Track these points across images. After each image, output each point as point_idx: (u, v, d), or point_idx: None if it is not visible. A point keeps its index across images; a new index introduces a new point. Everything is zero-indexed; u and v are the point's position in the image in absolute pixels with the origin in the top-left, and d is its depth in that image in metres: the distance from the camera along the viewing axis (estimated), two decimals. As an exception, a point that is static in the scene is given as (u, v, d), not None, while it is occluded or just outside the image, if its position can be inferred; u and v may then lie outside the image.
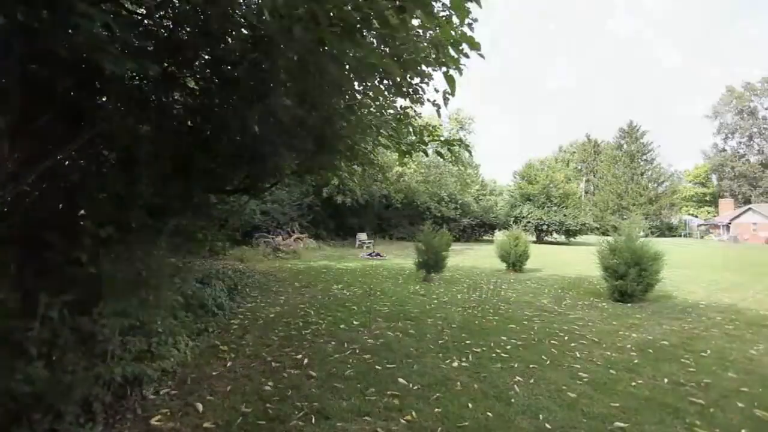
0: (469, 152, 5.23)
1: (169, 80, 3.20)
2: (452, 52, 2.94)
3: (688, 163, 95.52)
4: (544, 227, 29.81)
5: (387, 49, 2.93)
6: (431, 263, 9.62)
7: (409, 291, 8.42)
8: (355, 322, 5.78)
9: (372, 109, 4.45)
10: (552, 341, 5.09)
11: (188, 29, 3.01)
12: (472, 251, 21.01)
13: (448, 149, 5.09)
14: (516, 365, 4.22)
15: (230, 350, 4.44)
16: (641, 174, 59.26)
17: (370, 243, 20.21)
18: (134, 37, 2.54)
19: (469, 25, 4.55)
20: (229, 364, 4.05)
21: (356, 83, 3.65)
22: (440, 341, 4.97)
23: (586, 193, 64.54)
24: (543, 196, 30.69)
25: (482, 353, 4.56)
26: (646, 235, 49.85)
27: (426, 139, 4.92)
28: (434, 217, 25.21)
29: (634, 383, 3.83)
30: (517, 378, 3.88)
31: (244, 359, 4.22)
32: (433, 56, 3.16)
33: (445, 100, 4.42)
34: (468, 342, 4.95)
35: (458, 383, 3.73)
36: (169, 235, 3.91)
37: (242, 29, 2.98)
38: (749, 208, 47.27)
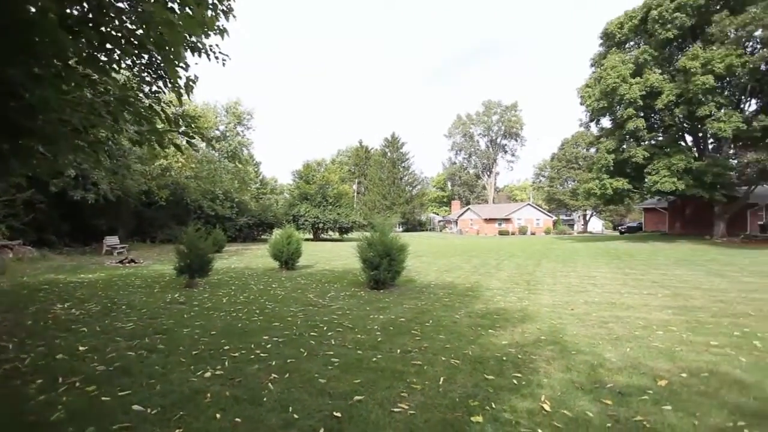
0: (246, 148, 4.94)
1: None
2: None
3: (433, 171, 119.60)
4: (321, 225, 31.71)
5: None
6: (195, 267, 8.74)
7: (166, 300, 7.40)
8: (81, 348, 4.63)
9: (108, 88, 3.61)
10: (312, 333, 5.36)
11: None
12: (249, 251, 20.37)
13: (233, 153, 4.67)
14: (274, 363, 4.23)
15: None
16: (401, 178, 70.54)
17: (122, 248, 16.86)
18: None
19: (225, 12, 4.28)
20: None
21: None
22: (194, 352, 4.52)
23: (358, 193, 72.31)
24: (319, 196, 32.58)
25: (240, 357, 4.39)
26: (406, 230, 59.33)
27: (186, 130, 4.35)
28: (207, 216, 23.21)
29: (375, 359, 4.40)
30: (273, 375, 3.89)
31: None
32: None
33: (188, 87, 4.01)
34: (227, 348, 4.67)
35: (209, 395, 3.45)
36: None
37: None
38: (468, 208, 62.86)
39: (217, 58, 4.81)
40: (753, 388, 3.59)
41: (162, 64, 3.79)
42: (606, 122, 29.48)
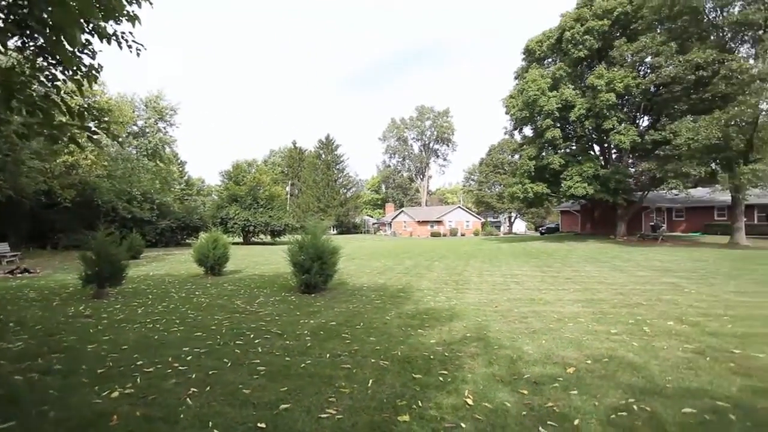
0: (168, 146, 4.55)
1: None
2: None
3: (368, 174, 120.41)
4: (251, 228, 30.45)
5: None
6: (105, 275, 7.92)
7: (68, 314, 6.61)
8: (-47, 375, 3.96)
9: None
10: (238, 341, 5.11)
11: None
12: (171, 257, 18.95)
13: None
14: (194, 376, 3.96)
15: None
16: (335, 181, 70.11)
17: (13, 256, 14.80)
18: None
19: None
20: None
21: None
22: (100, 370, 4.08)
23: (292, 195, 70.63)
24: (250, 198, 31.28)
25: (156, 372, 4.04)
26: (341, 233, 59.01)
27: (91, 124, 3.89)
28: (122, 219, 21.19)
29: (303, 365, 4.30)
30: (193, 389, 3.63)
31: None
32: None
33: (90, 76, 3.65)
34: (140, 363, 4.28)
35: (115, 416, 3.12)
36: None
37: None
38: (402, 211, 64.20)
39: (130, 47, 4.42)
40: (642, 369, 4.06)
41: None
42: (528, 131, 31.87)
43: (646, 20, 23.32)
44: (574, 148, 29.00)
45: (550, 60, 30.53)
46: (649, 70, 24.84)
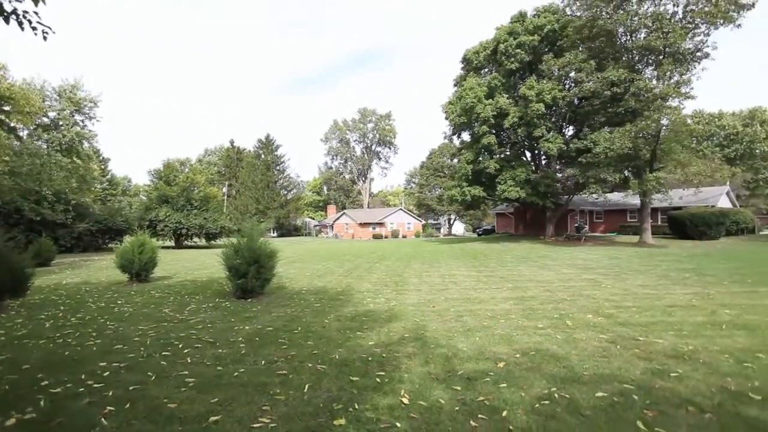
0: (88, 141, 4.11)
1: None
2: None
3: (309, 175, 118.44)
4: (184, 231, 28.63)
5: None
6: (5, 287, 7.00)
7: (-43, 331, 5.76)
8: None
9: None
10: (164, 353, 4.76)
11: None
12: (90, 263, 17.28)
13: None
14: (111, 393, 3.62)
15: None
16: (276, 182, 68.14)
17: None
18: None
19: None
20: None
21: None
22: (-5, 394, 3.59)
23: (229, 197, 67.55)
24: (183, 199, 29.43)
25: (64, 392, 3.64)
26: (281, 235, 57.39)
27: None
28: (29, 222, 18.94)
29: (236, 373, 4.10)
30: (109, 408, 3.31)
31: None
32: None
33: None
34: (45, 383, 3.83)
35: (12, 445, 2.77)
36: None
37: None
38: (344, 213, 63.88)
39: (34, 28, 3.97)
40: (563, 359, 4.39)
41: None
42: (466, 136, 33.21)
43: (570, 38, 25.38)
44: (508, 153, 30.73)
45: (486, 70, 32.09)
46: (573, 84, 27.05)
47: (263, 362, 4.44)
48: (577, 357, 4.48)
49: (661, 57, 22.70)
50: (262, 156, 68.31)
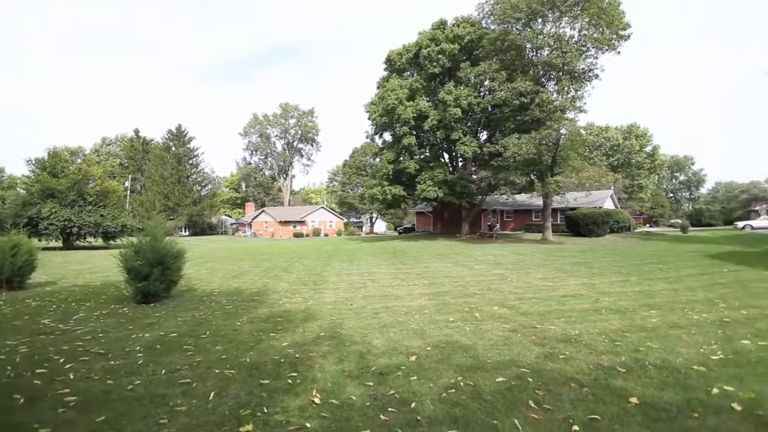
0: None
1: None
2: None
3: (227, 171, 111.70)
4: (75, 230, 25.24)
5: None
6: None
7: None
8: None
9: None
10: (40, 370, 4.13)
11: None
12: (-53, 268, 14.44)
13: None
14: (-36, 421, 3.05)
15: None
16: (188, 177, 63.09)
17: None
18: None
19: None
20: None
21: None
22: None
23: (133, 192, 61.12)
24: (74, 193, 25.95)
25: None
26: (194, 234, 53.37)
27: None
28: None
29: (130, 386, 3.71)
30: (-40, 439, 2.79)
31: None
32: None
33: None
34: None
35: None
36: None
37: None
38: (263, 210, 61.47)
39: None
40: (470, 349, 4.67)
41: None
42: (387, 136, 33.88)
43: (486, 49, 27.15)
44: (427, 154, 31.98)
45: (408, 72, 33.03)
46: (487, 92, 28.99)
47: (163, 372, 4.07)
48: (482, 346, 4.79)
49: (560, 73, 25.30)
50: (173, 148, 62.79)
